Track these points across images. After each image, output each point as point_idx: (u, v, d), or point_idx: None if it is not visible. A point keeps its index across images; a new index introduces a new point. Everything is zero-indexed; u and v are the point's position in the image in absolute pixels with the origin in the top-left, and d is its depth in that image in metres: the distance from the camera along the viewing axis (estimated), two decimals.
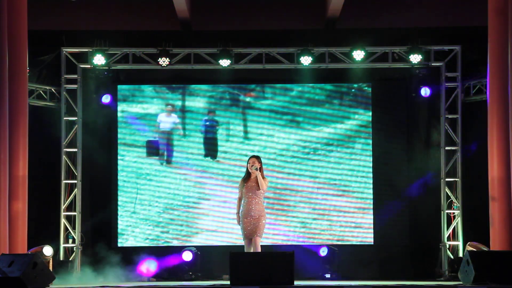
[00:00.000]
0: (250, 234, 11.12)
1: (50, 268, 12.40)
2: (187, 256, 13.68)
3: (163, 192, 14.41)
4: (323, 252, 13.73)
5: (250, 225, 11.14)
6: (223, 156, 14.40)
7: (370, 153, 14.38)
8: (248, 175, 11.40)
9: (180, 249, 13.89)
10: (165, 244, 14.22)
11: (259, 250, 11.11)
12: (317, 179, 14.40)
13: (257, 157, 11.49)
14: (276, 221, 14.13)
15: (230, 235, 14.08)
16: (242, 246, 11.32)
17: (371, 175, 14.33)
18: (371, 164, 14.35)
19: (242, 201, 11.30)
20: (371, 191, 14.30)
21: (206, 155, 14.41)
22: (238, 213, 11.31)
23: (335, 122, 14.44)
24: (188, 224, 14.36)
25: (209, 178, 14.40)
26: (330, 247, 13.82)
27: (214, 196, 14.37)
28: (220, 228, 14.28)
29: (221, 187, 14.33)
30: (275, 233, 14.12)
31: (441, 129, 14.20)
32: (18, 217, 11.78)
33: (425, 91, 14.16)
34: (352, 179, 14.38)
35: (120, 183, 14.39)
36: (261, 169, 11.41)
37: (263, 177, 11.31)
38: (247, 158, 11.78)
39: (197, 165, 14.43)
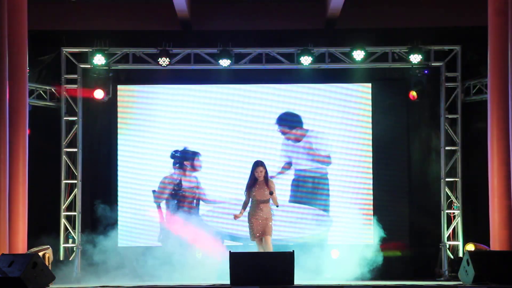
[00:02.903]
0: (260, 234, 11.37)
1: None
2: None
3: (164, 192, 14.40)
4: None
5: (259, 226, 11.41)
6: (223, 157, 14.39)
7: (370, 153, 14.37)
8: (254, 180, 11.54)
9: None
10: (165, 244, 14.19)
11: (271, 247, 11.37)
12: (316, 179, 14.39)
13: (263, 165, 11.67)
14: (275, 221, 14.08)
15: (230, 235, 14.06)
16: (242, 246, 11.39)
17: (371, 175, 14.32)
18: (371, 165, 14.33)
19: (250, 203, 11.53)
20: (371, 191, 14.30)
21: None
22: (241, 211, 11.60)
23: (335, 122, 14.44)
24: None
25: (209, 178, 14.39)
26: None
27: (214, 197, 14.35)
28: (220, 229, 14.25)
29: (221, 188, 14.32)
30: (275, 233, 14.06)
31: (441, 129, 14.20)
32: (18, 217, 11.79)
33: (412, 95, 14.14)
34: (352, 179, 14.38)
35: (120, 183, 14.38)
36: (266, 174, 11.59)
37: (269, 180, 11.52)
38: (247, 159, 11.86)
39: (197, 166, 14.41)
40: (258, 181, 11.58)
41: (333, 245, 14.04)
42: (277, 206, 11.65)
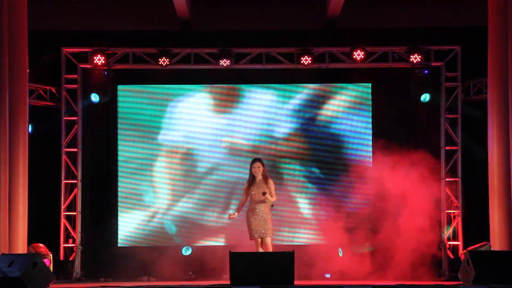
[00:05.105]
0: (259, 234, 11.30)
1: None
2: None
3: (164, 192, 14.39)
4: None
5: (258, 226, 11.32)
6: (222, 157, 14.38)
7: (370, 154, 14.37)
8: (253, 178, 11.49)
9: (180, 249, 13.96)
10: (165, 244, 14.21)
11: (271, 249, 11.26)
12: (317, 180, 14.38)
13: (261, 161, 11.60)
14: (276, 222, 14.09)
15: (231, 235, 14.05)
16: (242, 246, 11.37)
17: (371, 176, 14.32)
18: (371, 166, 14.33)
19: (248, 202, 11.47)
20: (371, 191, 14.28)
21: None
22: (236, 211, 11.51)
23: (335, 122, 14.43)
24: (188, 225, 14.35)
25: (209, 179, 14.38)
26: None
27: (215, 197, 14.35)
28: (221, 229, 14.25)
29: (222, 188, 14.31)
30: (275, 234, 14.07)
31: (441, 129, 14.21)
32: (18, 217, 11.80)
33: (424, 97, 14.19)
34: (352, 180, 14.37)
35: (120, 183, 14.37)
36: (264, 171, 11.52)
37: (268, 178, 11.46)
38: (247, 159, 11.83)
39: (197, 166, 14.41)
40: (256, 179, 11.50)
41: (333, 245, 14.02)
42: (272, 206, 11.52)
